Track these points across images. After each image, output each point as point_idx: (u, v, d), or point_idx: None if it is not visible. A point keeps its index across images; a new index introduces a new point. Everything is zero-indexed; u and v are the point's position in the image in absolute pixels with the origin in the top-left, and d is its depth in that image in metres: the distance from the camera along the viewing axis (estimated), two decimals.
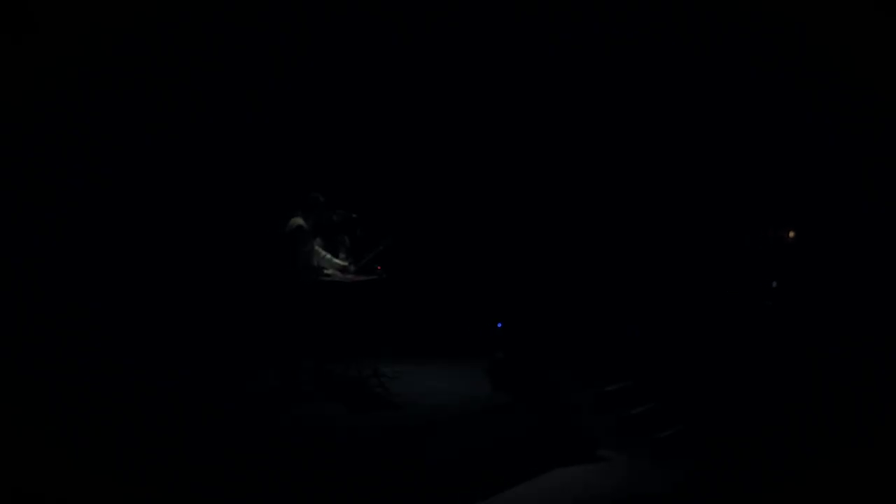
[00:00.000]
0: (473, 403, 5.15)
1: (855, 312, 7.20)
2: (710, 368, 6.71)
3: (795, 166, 7.91)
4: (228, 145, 6.74)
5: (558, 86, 8.00)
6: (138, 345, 5.93)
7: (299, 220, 5.15)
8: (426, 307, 7.60)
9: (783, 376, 6.62)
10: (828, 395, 6.17)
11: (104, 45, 5.58)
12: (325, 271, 5.37)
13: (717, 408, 6.22)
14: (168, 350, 6.03)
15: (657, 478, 5.06)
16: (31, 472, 3.37)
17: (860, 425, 5.45)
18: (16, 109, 5.30)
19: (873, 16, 6.44)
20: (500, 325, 6.86)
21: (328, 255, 5.51)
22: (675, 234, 8.18)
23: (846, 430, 5.43)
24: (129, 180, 6.18)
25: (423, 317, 7.54)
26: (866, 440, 5.18)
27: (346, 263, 5.57)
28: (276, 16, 6.63)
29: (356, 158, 7.45)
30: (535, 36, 7.61)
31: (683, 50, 7.66)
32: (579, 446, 5.38)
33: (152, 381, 5.31)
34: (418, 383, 5.64)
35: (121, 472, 3.46)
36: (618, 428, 5.73)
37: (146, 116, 6.17)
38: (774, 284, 7.96)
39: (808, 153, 7.81)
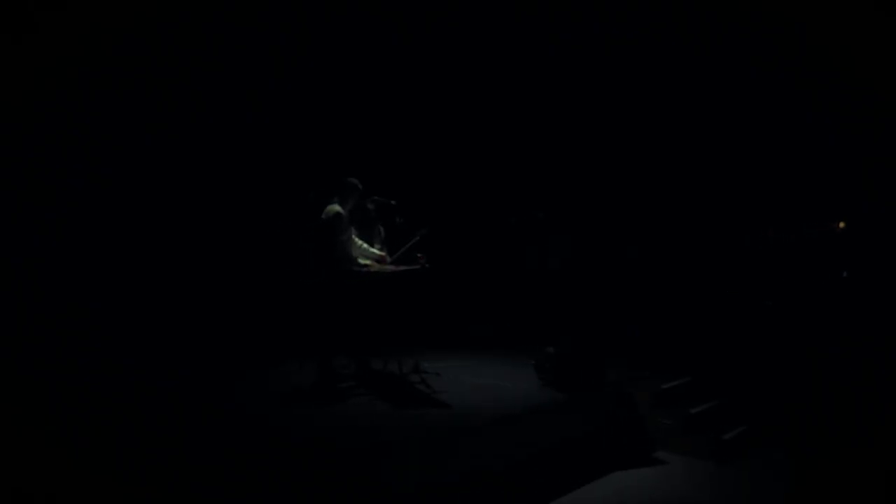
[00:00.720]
0: (523, 402, 4.79)
1: (858, 312, 7.17)
2: (771, 364, 6.44)
3: (795, 166, 7.91)
4: (229, 142, 6.75)
5: (559, 85, 8.03)
6: (138, 345, 5.93)
7: (337, 207, 4.92)
8: (469, 299, 7.44)
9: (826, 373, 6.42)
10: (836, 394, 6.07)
11: (104, 45, 5.57)
12: (362, 261, 5.15)
13: (782, 406, 5.92)
14: (168, 350, 6.03)
15: (723, 482, 4.70)
16: (31, 472, 3.37)
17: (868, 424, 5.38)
18: (16, 109, 5.30)
19: (873, 16, 6.43)
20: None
21: (364, 245, 5.30)
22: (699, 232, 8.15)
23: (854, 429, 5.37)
24: (129, 180, 6.18)
25: (465, 309, 7.37)
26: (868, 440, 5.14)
27: (383, 253, 5.38)
28: (284, 9, 6.63)
29: (389, 147, 7.43)
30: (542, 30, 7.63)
31: (683, 50, 7.67)
32: (637, 448, 5.10)
33: (152, 381, 5.30)
34: (463, 380, 5.38)
35: (121, 472, 3.46)
36: (676, 428, 5.34)
37: (146, 116, 6.17)
38: (845, 274, 7.79)
39: (807, 153, 7.81)
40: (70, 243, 5.80)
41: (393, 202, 5.44)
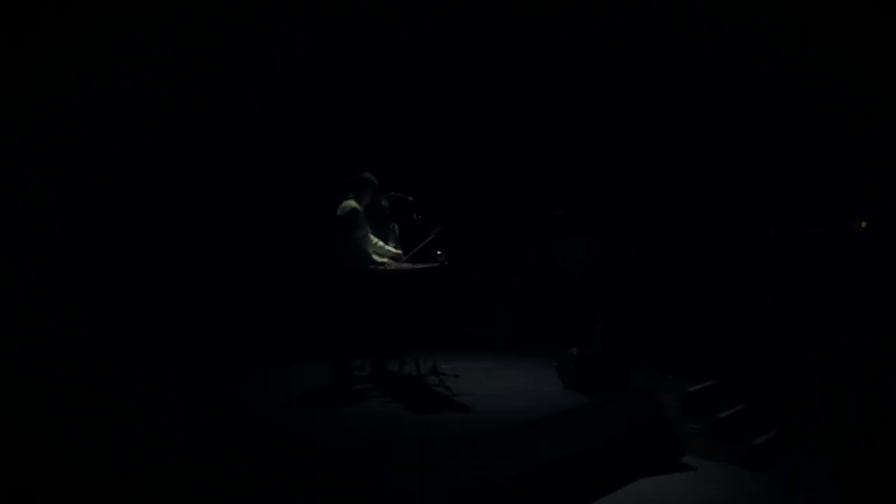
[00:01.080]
0: (546, 404, 4.59)
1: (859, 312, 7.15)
2: (796, 366, 6.28)
3: (795, 166, 7.91)
4: (229, 142, 6.76)
5: (560, 85, 8.04)
6: (138, 345, 5.93)
7: (353, 203, 4.80)
8: (489, 298, 7.36)
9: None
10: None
11: (104, 45, 5.58)
12: (378, 259, 5.02)
13: (811, 409, 5.77)
14: (168, 350, 6.04)
15: (757, 489, 4.46)
16: (31, 472, 3.37)
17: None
18: (16, 109, 5.30)
19: (873, 16, 6.44)
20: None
21: (380, 242, 5.18)
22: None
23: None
24: (129, 180, 6.19)
25: (485, 308, 7.28)
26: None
27: (400, 251, 5.26)
28: (284, 9, 6.63)
29: (389, 147, 7.36)
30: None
31: (684, 50, 7.67)
32: (665, 452, 4.94)
33: (152, 381, 5.31)
34: (483, 382, 5.22)
35: (121, 472, 3.46)
36: (705, 432, 5.13)
37: (146, 116, 6.18)
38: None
39: (807, 153, 7.82)
40: (70, 243, 5.79)
41: (410, 198, 5.31)
